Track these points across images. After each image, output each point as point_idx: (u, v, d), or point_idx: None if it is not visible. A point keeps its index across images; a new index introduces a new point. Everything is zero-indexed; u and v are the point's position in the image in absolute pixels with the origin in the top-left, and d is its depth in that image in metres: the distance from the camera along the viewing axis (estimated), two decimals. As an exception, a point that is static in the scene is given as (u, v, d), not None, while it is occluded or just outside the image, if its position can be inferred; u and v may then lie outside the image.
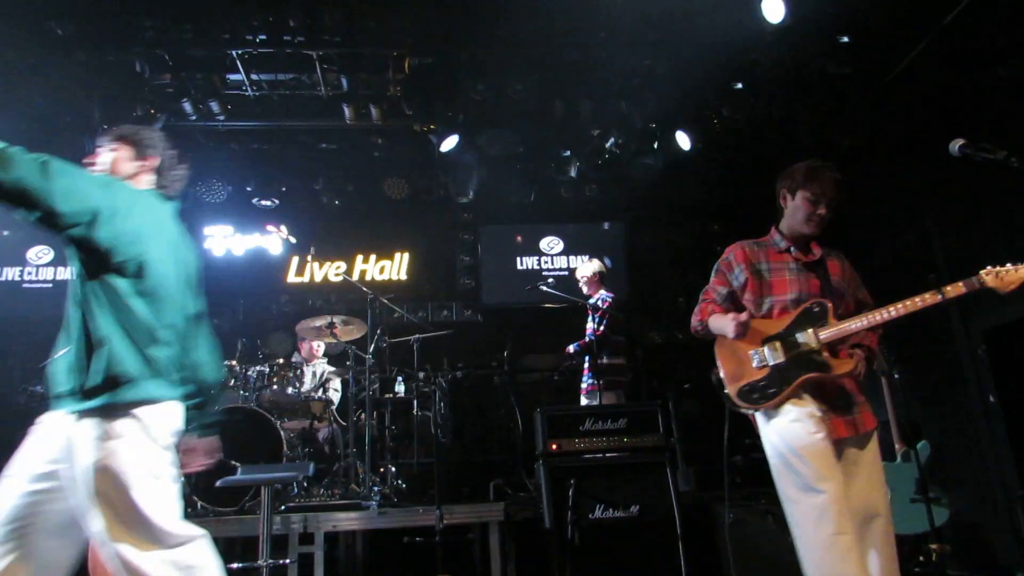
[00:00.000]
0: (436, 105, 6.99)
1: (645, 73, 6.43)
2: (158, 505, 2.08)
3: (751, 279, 3.01)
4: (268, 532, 3.84)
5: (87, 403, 2.06)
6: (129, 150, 2.49)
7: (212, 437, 2.49)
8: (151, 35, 6.03)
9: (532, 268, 8.27)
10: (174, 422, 2.25)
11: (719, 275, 3.14)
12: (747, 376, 2.93)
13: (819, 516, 2.65)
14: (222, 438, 4.84)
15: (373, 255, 8.11)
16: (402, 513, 4.57)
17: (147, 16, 5.75)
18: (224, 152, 7.59)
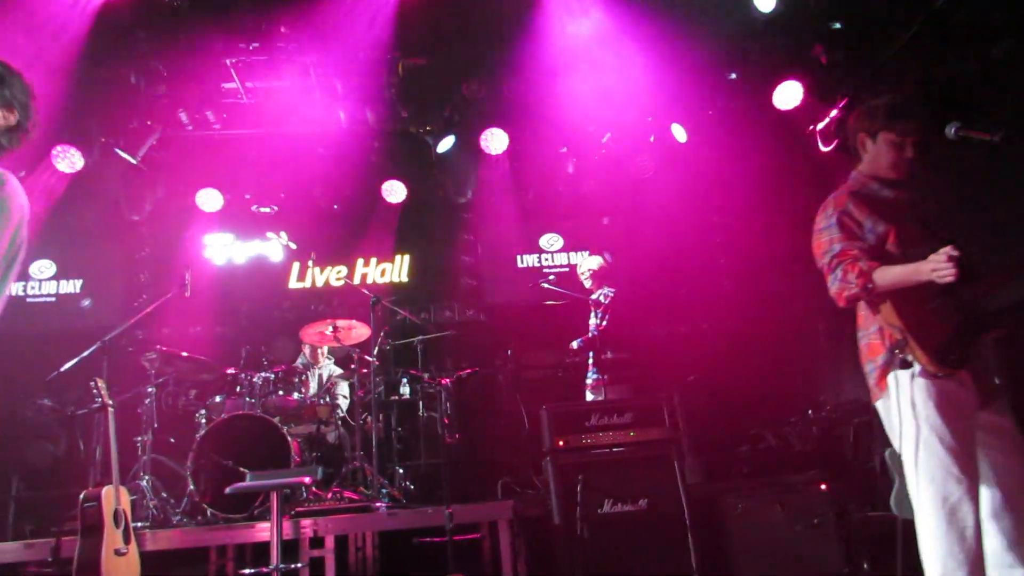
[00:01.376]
0: (431, 106, 7.02)
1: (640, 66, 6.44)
2: None
3: (891, 228, 2.53)
4: (279, 537, 3.86)
5: None
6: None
7: None
8: (145, 47, 6.05)
9: (533, 266, 8.27)
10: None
11: (845, 230, 2.59)
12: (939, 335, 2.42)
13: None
14: (230, 445, 4.89)
15: (374, 258, 8.12)
16: (411, 514, 4.58)
17: (140, 28, 5.77)
18: (221, 161, 7.59)
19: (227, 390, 5.47)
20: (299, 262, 7.99)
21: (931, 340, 2.40)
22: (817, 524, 4.15)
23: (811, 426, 5.85)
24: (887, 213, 2.56)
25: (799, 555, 4.13)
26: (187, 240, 7.84)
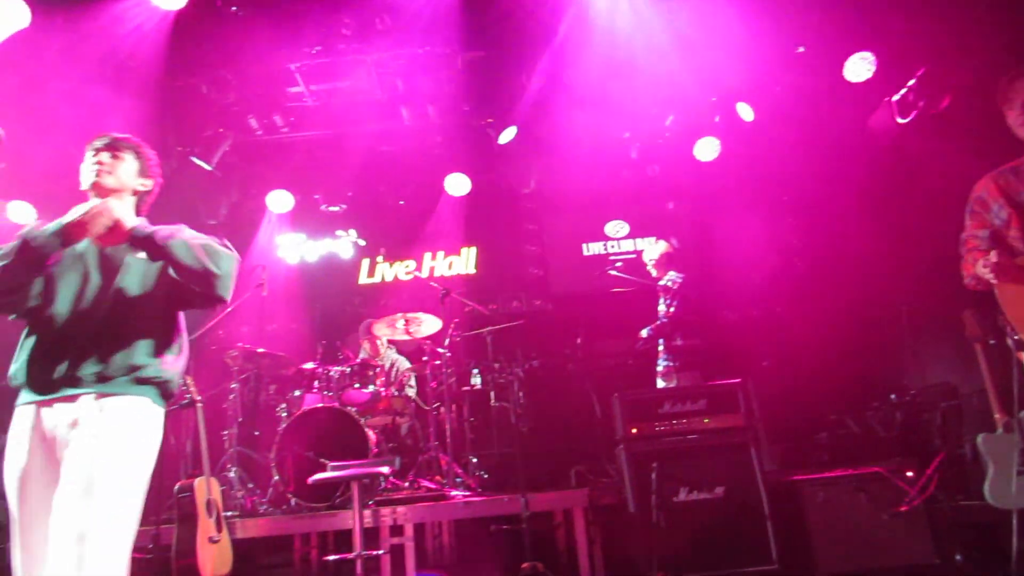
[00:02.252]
0: (492, 98, 7.04)
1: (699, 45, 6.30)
2: None
3: (1014, 213, 2.63)
4: (360, 525, 3.98)
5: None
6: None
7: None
8: (214, 57, 6.27)
9: (599, 253, 8.23)
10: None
11: (975, 217, 2.78)
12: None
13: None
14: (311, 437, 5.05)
15: (441, 251, 8.23)
16: (487, 502, 4.64)
17: (208, 39, 5.97)
18: (290, 163, 7.82)
19: (305, 384, 5.64)
20: (368, 258, 8.18)
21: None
22: (904, 513, 4.01)
23: (895, 411, 5.64)
24: (1013, 196, 2.63)
25: (884, 545, 4.00)
26: (261, 241, 8.11)
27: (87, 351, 2.14)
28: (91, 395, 2.12)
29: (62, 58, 5.63)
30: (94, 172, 2.37)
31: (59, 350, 2.14)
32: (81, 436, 2.06)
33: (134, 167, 2.48)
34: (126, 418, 2.14)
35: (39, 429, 2.12)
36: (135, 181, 2.48)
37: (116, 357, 2.15)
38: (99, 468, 2.00)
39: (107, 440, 2.06)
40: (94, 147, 2.42)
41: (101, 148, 2.42)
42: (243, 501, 5.26)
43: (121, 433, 2.10)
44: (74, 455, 2.03)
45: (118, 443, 2.08)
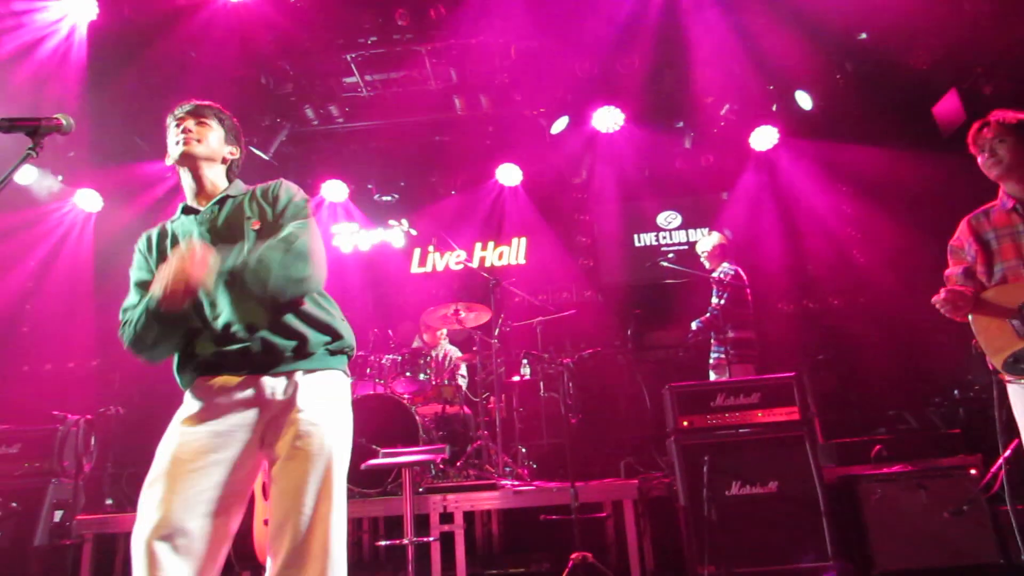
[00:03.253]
0: (544, 88, 7.01)
1: (757, 32, 6.15)
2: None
3: (980, 251, 2.96)
4: (411, 512, 4.04)
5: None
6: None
7: None
8: (271, 49, 6.39)
9: (650, 244, 8.15)
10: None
11: (954, 255, 3.11)
12: (1010, 346, 2.79)
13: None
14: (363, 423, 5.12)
15: (491, 242, 8.26)
16: (536, 492, 4.66)
17: (266, 30, 6.08)
18: (345, 153, 7.95)
19: (357, 372, 5.73)
20: (420, 248, 8.26)
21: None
22: (967, 510, 3.88)
23: (957, 408, 5.45)
24: (980, 235, 2.98)
25: (945, 543, 3.88)
26: (317, 229, 8.26)
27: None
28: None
29: (125, 52, 5.81)
30: (182, 140, 2.25)
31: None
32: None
33: (220, 134, 2.36)
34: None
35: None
36: (224, 148, 2.37)
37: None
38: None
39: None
40: (177, 116, 2.32)
41: (185, 116, 2.31)
42: (298, 484, 5.38)
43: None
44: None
45: None
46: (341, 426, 2.18)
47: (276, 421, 2.09)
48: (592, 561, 4.01)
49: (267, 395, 2.08)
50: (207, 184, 2.32)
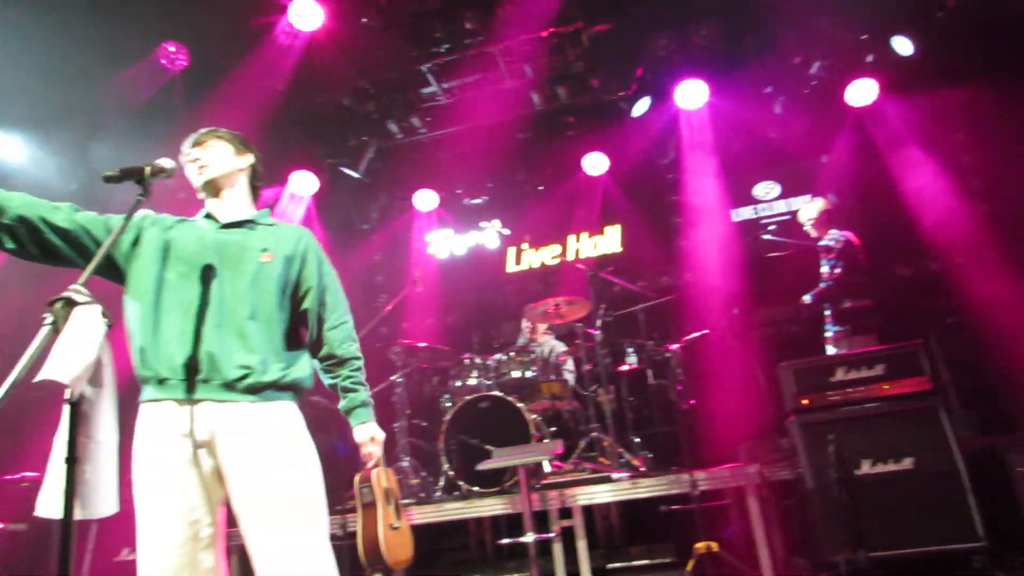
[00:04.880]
0: (621, 71, 6.89)
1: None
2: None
3: None
4: (529, 509, 4.05)
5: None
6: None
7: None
8: (350, 71, 6.58)
9: (749, 218, 7.85)
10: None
11: None
12: None
13: None
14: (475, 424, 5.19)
15: (585, 233, 8.19)
16: (653, 482, 4.57)
17: (342, 53, 6.26)
18: (431, 162, 8.08)
19: (465, 374, 5.81)
20: (514, 247, 8.29)
21: None
22: None
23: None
24: None
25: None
26: (412, 240, 8.46)
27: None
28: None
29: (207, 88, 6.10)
30: (197, 171, 2.35)
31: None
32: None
33: (227, 148, 2.42)
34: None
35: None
36: (235, 161, 2.42)
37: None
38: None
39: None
40: (184, 153, 2.40)
41: (190, 148, 2.39)
42: (418, 489, 5.52)
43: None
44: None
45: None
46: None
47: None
48: (718, 551, 3.89)
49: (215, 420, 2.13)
50: (229, 205, 2.40)
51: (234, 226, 2.33)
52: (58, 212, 2.13)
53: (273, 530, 2.02)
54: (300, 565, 2.00)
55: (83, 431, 1.81)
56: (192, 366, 2.07)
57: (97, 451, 1.86)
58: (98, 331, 1.81)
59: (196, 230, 2.30)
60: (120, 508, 1.92)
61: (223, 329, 2.12)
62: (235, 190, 2.41)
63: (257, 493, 2.04)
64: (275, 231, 2.38)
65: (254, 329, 2.15)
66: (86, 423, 1.83)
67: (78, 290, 1.76)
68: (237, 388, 2.09)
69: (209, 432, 2.07)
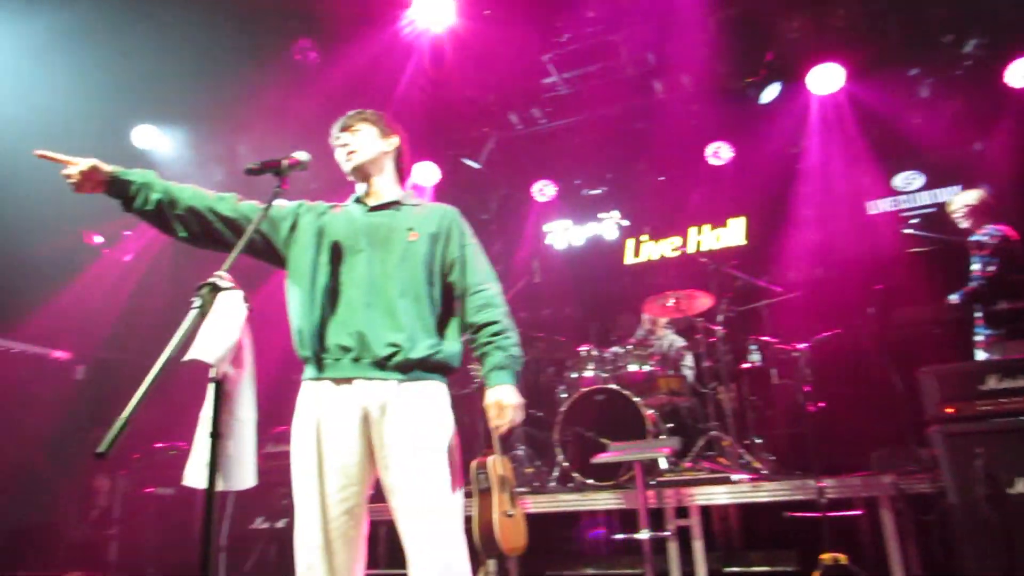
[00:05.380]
0: (749, 56, 6.60)
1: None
2: None
3: None
4: (644, 506, 3.99)
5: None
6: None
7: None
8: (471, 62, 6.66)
9: (887, 211, 7.33)
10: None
11: None
12: None
13: None
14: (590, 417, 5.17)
15: (707, 225, 7.94)
16: (776, 487, 4.38)
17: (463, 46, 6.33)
18: (550, 152, 8.08)
19: (581, 366, 5.80)
20: (633, 238, 8.16)
21: None
22: None
23: None
24: None
25: None
26: (530, 231, 8.51)
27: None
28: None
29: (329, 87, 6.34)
30: (345, 157, 2.44)
31: None
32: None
33: (372, 132, 2.48)
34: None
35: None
36: (381, 144, 2.49)
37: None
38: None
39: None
40: (333, 136, 2.50)
41: (338, 133, 2.48)
42: (532, 478, 5.57)
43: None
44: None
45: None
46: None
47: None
48: (847, 564, 3.68)
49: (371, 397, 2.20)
50: (376, 186, 2.48)
51: (382, 208, 2.42)
52: (223, 202, 2.33)
53: (418, 515, 2.08)
54: (441, 550, 2.06)
55: (226, 408, 1.94)
56: (345, 346, 2.18)
57: (239, 428, 1.99)
58: (240, 315, 1.93)
59: (347, 214, 2.41)
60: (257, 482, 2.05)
61: (373, 308, 2.21)
62: (382, 174, 2.49)
63: (403, 476, 2.11)
64: (421, 211, 2.44)
65: (403, 307, 2.22)
66: (228, 401, 1.96)
67: (222, 276, 1.89)
68: (387, 366, 2.17)
69: (362, 410, 2.17)
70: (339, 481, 2.12)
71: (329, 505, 2.10)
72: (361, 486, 2.16)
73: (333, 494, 2.11)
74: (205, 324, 1.85)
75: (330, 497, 2.11)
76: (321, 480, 2.12)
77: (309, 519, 2.10)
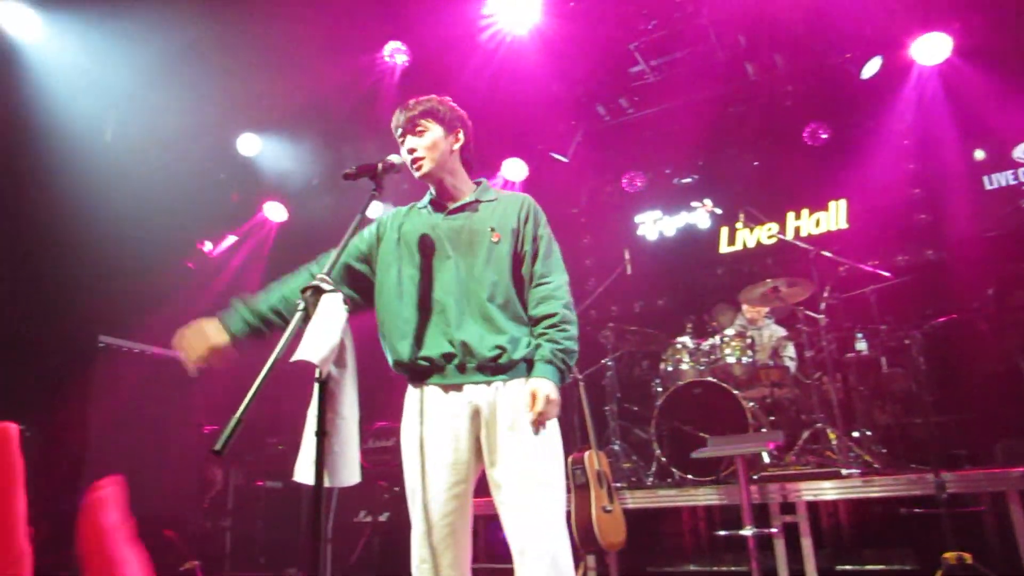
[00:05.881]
0: (848, 31, 6.29)
1: None
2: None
3: None
4: (748, 502, 3.89)
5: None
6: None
7: None
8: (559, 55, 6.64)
9: (1007, 184, 6.82)
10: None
11: None
12: None
13: None
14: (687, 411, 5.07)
15: (805, 209, 7.63)
16: (890, 481, 4.17)
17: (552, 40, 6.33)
18: (639, 142, 7.97)
19: (676, 358, 5.69)
20: (727, 226, 7.95)
21: None
22: None
23: None
24: None
25: None
26: (620, 222, 8.42)
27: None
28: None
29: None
30: (413, 165, 2.38)
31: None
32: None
33: (438, 132, 2.40)
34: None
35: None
36: (447, 144, 2.42)
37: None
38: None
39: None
40: (398, 131, 2.44)
41: (403, 131, 2.41)
42: (629, 473, 5.52)
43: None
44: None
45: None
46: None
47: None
48: (973, 563, 3.46)
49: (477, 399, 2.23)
50: (450, 188, 2.46)
51: (459, 210, 2.42)
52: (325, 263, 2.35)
53: (525, 510, 2.11)
54: (549, 543, 2.08)
55: (330, 407, 2.01)
56: (448, 354, 2.22)
57: (343, 425, 2.06)
58: (341, 316, 2.01)
59: (425, 222, 2.42)
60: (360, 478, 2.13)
61: (467, 314, 2.25)
62: (454, 174, 2.47)
63: (511, 472, 2.15)
64: (498, 206, 2.43)
65: (496, 309, 2.25)
66: (332, 400, 2.04)
67: (324, 279, 1.97)
68: (493, 369, 2.21)
69: (469, 410, 2.22)
70: (449, 478, 2.18)
71: (440, 502, 2.16)
72: (468, 483, 2.22)
73: (444, 491, 2.17)
74: (309, 326, 1.93)
75: (441, 494, 2.17)
76: (432, 478, 2.18)
77: (421, 515, 2.18)
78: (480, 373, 2.21)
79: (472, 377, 2.21)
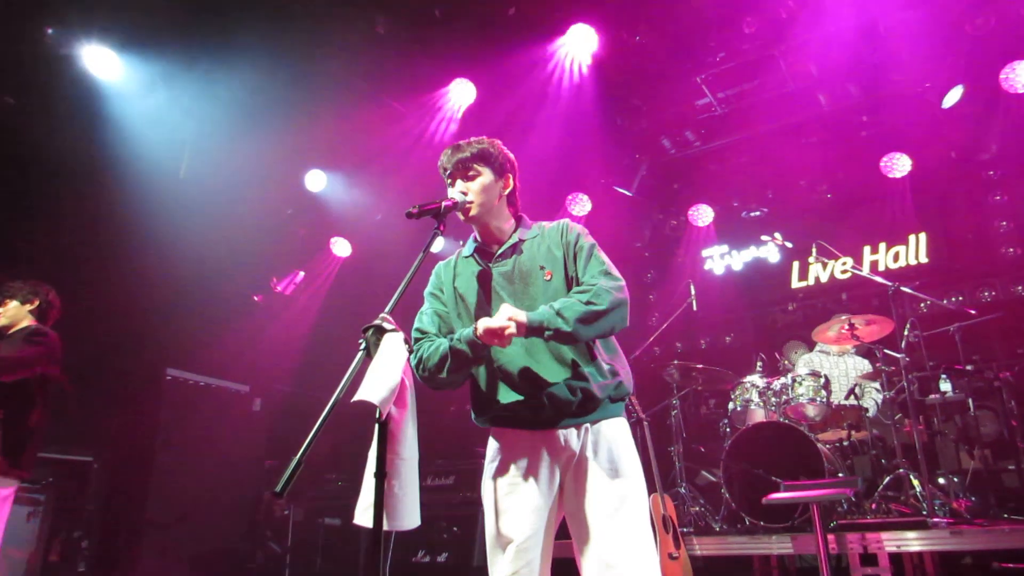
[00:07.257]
0: (927, 59, 6.07)
1: None
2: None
3: None
4: (825, 551, 3.67)
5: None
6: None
7: None
8: (622, 89, 6.63)
9: (1106, 216, 6.42)
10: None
11: None
12: None
13: None
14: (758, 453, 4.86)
15: (882, 243, 7.33)
16: (982, 533, 3.88)
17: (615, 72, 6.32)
18: (706, 175, 7.84)
19: (746, 398, 5.48)
20: (798, 260, 7.71)
21: None
22: None
23: None
24: None
25: None
26: (686, 257, 8.27)
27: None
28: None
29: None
30: (462, 211, 2.33)
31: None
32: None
33: (489, 176, 2.36)
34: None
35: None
36: (497, 189, 2.38)
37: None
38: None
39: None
40: (447, 172, 2.39)
41: (454, 173, 2.37)
42: (696, 518, 5.31)
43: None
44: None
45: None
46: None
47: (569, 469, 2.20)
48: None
49: (560, 444, 2.20)
50: (494, 231, 2.41)
51: (505, 255, 2.38)
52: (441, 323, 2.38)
53: (617, 560, 2.06)
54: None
55: (390, 448, 1.98)
56: (522, 401, 2.20)
57: (402, 467, 2.03)
58: (401, 356, 1.98)
59: (475, 269, 2.39)
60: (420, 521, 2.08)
61: (535, 357, 2.21)
62: (499, 217, 2.43)
63: (597, 514, 2.12)
64: (542, 242, 2.39)
65: (561, 348, 2.21)
66: (392, 441, 2.00)
67: (386, 319, 1.96)
68: (572, 410, 2.18)
69: (551, 456, 2.20)
70: (533, 524, 2.15)
71: (523, 549, 2.13)
72: (550, 524, 2.19)
73: (528, 537, 2.14)
74: (371, 366, 1.91)
75: (525, 537, 2.13)
76: (516, 522, 2.15)
77: (503, 560, 2.14)
78: (559, 415, 2.18)
79: (552, 421, 2.18)
